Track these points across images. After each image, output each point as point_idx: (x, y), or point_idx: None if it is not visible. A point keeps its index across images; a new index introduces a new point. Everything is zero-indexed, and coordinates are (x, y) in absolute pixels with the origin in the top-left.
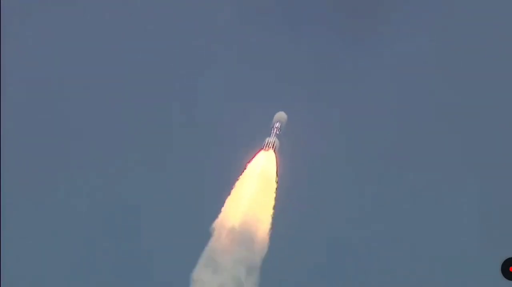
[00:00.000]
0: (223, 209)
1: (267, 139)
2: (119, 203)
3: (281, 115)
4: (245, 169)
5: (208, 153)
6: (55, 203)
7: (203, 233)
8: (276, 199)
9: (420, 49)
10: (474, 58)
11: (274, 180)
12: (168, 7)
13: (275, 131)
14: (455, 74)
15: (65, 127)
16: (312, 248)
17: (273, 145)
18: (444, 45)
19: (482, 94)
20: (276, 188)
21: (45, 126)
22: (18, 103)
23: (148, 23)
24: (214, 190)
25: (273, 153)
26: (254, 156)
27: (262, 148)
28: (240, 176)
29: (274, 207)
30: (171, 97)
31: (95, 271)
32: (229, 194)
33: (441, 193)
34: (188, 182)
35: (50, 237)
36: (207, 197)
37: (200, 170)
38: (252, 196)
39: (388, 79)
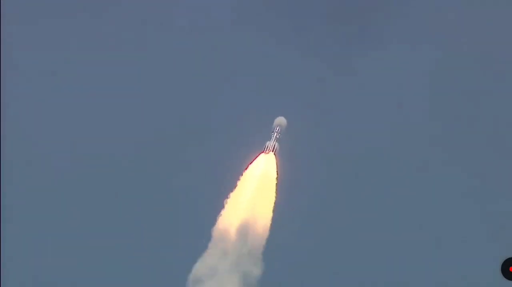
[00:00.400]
0: (224, 208)
1: (267, 142)
2: (121, 207)
3: (281, 120)
4: (246, 170)
5: (211, 155)
6: (56, 204)
7: (205, 233)
8: (276, 199)
9: (421, 56)
10: (473, 60)
11: (274, 181)
12: (171, 13)
13: (275, 135)
14: (455, 76)
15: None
16: (312, 249)
17: (273, 148)
18: (445, 48)
19: (483, 96)
20: (276, 189)
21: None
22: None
23: (149, 35)
24: (216, 190)
25: (273, 155)
26: (255, 158)
27: (262, 151)
28: (242, 177)
29: (274, 207)
30: (173, 101)
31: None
32: (230, 194)
33: (441, 193)
34: (192, 183)
35: (50, 237)
36: (209, 197)
37: (203, 171)
38: (253, 196)
39: (386, 84)
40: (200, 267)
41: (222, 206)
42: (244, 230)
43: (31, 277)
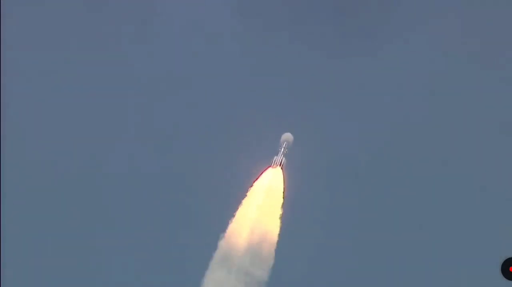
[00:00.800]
0: (233, 219)
1: (275, 157)
2: (129, 215)
3: (288, 136)
4: (254, 183)
5: (220, 169)
6: (57, 204)
7: (212, 245)
8: (283, 211)
9: (432, 69)
10: (473, 60)
11: (281, 193)
12: (171, 14)
13: (282, 150)
14: (456, 76)
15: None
16: (319, 261)
17: (281, 163)
18: (446, 48)
19: (483, 96)
20: (283, 201)
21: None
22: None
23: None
24: (225, 202)
25: (280, 170)
26: (263, 172)
27: (270, 166)
28: (250, 189)
29: (281, 219)
30: (185, 111)
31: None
32: (239, 205)
33: (441, 193)
34: (201, 194)
35: (52, 238)
36: (218, 209)
37: (212, 183)
38: (261, 207)
39: (391, 96)
40: (206, 281)
41: (231, 217)
42: (252, 241)
43: (31, 277)
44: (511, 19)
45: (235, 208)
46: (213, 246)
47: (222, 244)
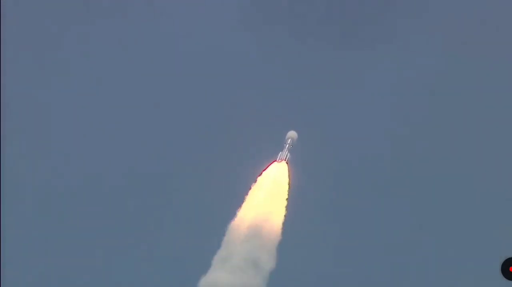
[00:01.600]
0: (239, 208)
1: (280, 153)
2: (137, 207)
3: (292, 133)
4: (261, 175)
5: (229, 165)
6: (59, 206)
7: (219, 233)
8: (288, 201)
9: (434, 69)
10: (474, 61)
11: (286, 184)
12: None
13: (287, 146)
14: (457, 77)
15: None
16: (321, 254)
17: (286, 157)
18: (446, 48)
19: (484, 97)
20: (288, 191)
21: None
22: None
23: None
24: (232, 192)
25: (285, 164)
26: (269, 166)
27: (275, 160)
28: (257, 180)
29: (287, 208)
30: (190, 110)
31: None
32: (246, 195)
33: (441, 193)
34: (209, 184)
35: (54, 239)
36: (226, 199)
37: (221, 177)
38: (267, 196)
39: (394, 95)
40: (213, 269)
41: (239, 204)
42: (257, 230)
43: (32, 277)
44: (511, 19)
45: (243, 197)
46: (221, 234)
47: (228, 233)
